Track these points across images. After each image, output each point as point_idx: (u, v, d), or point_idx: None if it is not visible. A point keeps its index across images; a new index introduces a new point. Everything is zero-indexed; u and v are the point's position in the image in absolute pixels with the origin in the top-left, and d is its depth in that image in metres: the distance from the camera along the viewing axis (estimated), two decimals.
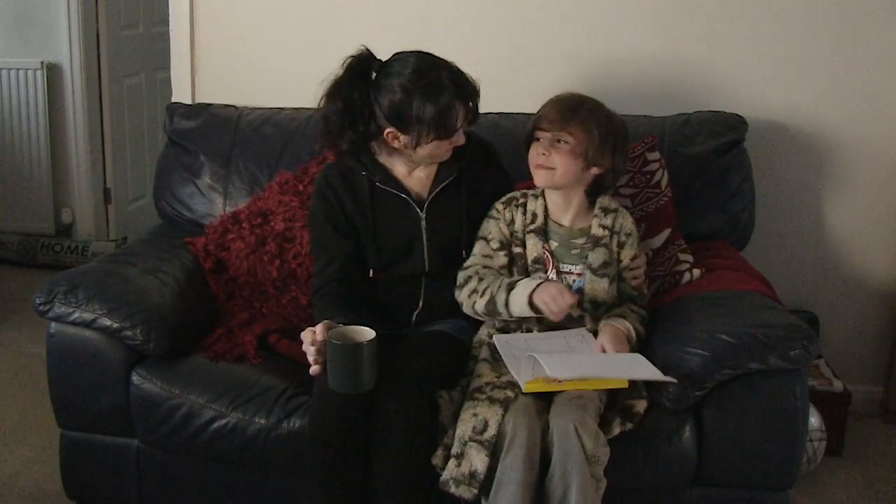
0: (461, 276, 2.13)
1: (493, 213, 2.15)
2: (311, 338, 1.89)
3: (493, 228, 2.14)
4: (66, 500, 2.35)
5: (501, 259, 2.12)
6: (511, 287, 2.02)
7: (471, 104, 2.07)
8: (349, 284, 2.11)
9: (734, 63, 2.78)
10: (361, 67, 2.09)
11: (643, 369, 1.93)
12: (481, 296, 2.05)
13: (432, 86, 2.00)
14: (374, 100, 2.06)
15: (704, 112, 2.69)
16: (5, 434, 2.75)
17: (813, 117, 2.79)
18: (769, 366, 1.93)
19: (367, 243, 2.14)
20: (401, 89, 2.01)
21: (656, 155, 2.43)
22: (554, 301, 1.95)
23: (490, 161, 2.25)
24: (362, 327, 1.86)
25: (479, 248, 2.14)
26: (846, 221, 2.87)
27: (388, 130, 2.06)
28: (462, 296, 2.10)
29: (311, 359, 1.89)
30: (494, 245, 2.12)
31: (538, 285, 1.98)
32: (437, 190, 2.15)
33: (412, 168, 2.16)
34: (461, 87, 2.03)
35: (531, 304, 1.98)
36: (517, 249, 2.12)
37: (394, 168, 2.16)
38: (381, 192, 2.14)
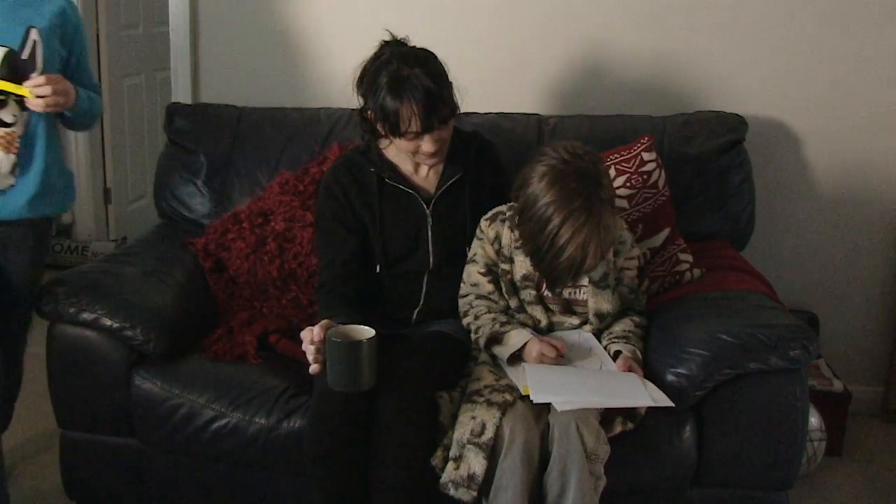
0: (461, 304, 2.15)
1: (479, 232, 2.13)
2: (310, 337, 1.89)
3: (478, 250, 2.13)
4: (66, 500, 2.35)
5: (487, 286, 2.11)
6: (494, 339, 2.04)
7: (430, 120, 2.00)
8: (353, 281, 2.12)
9: (734, 63, 2.78)
10: (380, 51, 2.10)
11: (637, 396, 1.90)
12: (474, 333, 2.08)
13: (399, 81, 1.99)
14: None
15: (704, 112, 2.69)
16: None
17: (813, 117, 2.80)
18: (769, 366, 1.93)
19: (374, 239, 2.15)
20: (377, 71, 2.03)
21: (653, 155, 2.43)
22: (542, 359, 1.98)
23: (490, 161, 2.25)
24: (362, 326, 1.86)
25: (467, 274, 2.14)
26: (846, 221, 2.87)
27: (368, 109, 2.09)
28: (465, 323, 2.13)
29: (310, 358, 1.90)
30: (481, 269, 2.12)
31: (523, 346, 2.00)
32: (443, 188, 2.16)
33: (418, 166, 2.18)
34: (425, 99, 1.98)
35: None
36: (504, 266, 2.10)
37: (401, 165, 2.18)
38: (390, 189, 2.16)
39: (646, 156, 2.42)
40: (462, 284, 2.15)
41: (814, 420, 2.51)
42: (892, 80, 2.75)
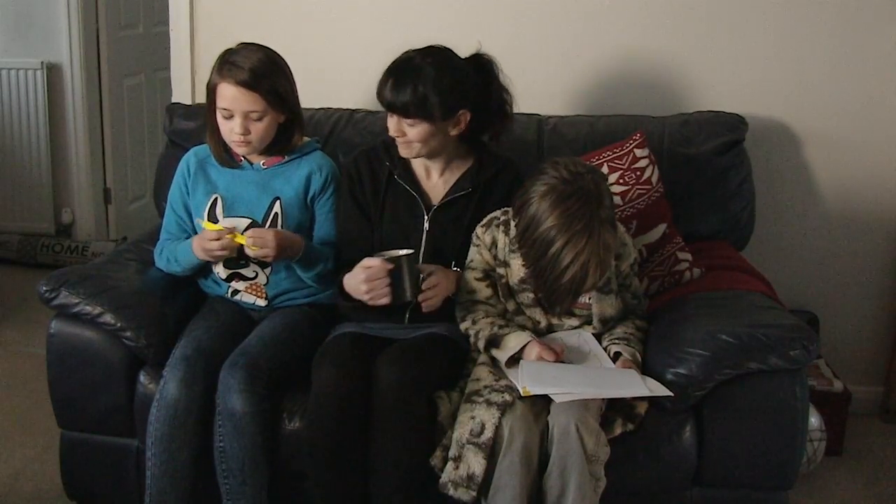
0: (458, 309, 2.14)
1: (474, 238, 2.13)
2: (363, 276, 2.00)
3: (475, 256, 2.12)
4: (66, 500, 2.35)
5: (485, 291, 2.11)
6: (492, 342, 2.03)
7: (386, 95, 2.06)
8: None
9: (734, 63, 2.78)
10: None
11: (634, 387, 1.90)
12: (473, 337, 2.08)
13: (401, 57, 2.08)
14: None
15: (704, 112, 2.69)
16: (5, 434, 2.75)
17: (813, 117, 2.79)
18: (769, 366, 1.93)
19: (375, 229, 2.18)
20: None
21: (645, 151, 2.43)
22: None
23: (503, 186, 2.20)
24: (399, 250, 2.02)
25: (464, 280, 2.14)
26: (846, 221, 2.86)
27: None
28: (463, 328, 2.12)
29: (374, 294, 1.99)
30: (478, 275, 2.11)
31: (522, 349, 2.00)
32: (446, 200, 2.17)
33: (429, 171, 2.20)
34: (397, 74, 2.04)
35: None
36: (500, 270, 2.10)
37: (414, 167, 2.20)
38: (396, 186, 2.18)
39: (638, 152, 2.42)
40: (458, 290, 2.15)
41: (814, 420, 2.51)
42: (892, 80, 2.75)
